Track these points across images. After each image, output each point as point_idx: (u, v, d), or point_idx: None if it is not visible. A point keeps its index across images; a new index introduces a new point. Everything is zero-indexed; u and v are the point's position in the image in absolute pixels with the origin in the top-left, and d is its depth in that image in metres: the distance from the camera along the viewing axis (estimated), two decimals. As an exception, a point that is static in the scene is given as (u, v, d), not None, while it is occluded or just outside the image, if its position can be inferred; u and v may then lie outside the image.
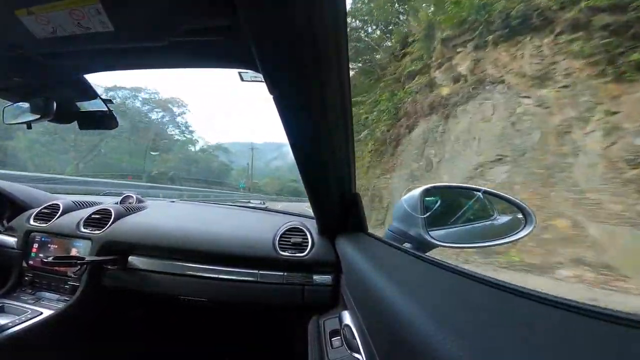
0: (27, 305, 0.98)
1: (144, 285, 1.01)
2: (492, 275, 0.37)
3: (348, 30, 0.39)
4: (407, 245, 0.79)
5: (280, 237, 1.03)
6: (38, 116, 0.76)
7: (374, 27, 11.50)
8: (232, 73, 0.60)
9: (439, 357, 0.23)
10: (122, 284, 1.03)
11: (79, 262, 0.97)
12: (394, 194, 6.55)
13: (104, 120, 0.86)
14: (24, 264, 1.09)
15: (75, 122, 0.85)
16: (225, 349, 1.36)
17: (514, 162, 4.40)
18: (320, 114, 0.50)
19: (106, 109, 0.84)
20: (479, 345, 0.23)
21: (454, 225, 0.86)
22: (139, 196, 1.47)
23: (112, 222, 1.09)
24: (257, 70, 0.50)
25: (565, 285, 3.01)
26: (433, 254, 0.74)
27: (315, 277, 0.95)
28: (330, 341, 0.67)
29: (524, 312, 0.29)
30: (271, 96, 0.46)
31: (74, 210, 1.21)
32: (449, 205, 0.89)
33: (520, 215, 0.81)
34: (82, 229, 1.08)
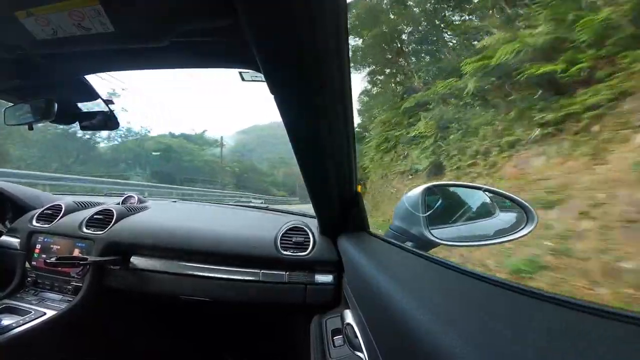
0: (31, 306, 0.98)
1: (147, 285, 1.01)
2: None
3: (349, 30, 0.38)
4: (408, 243, 0.79)
5: (282, 236, 1.02)
6: (39, 117, 0.77)
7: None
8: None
9: (441, 355, 0.23)
10: (124, 284, 1.03)
11: (81, 262, 0.97)
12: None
13: (105, 121, 0.86)
14: (27, 265, 1.09)
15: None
16: (228, 348, 1.37)
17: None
18: (321, 113, 0.50)
19: (107, 109, 0.84)
20: (481, 342, 0.23)
21: (456, 223, 0.85)
22: (140, 196, 1.48)
23: (114, 223, 1.09)
24: (257, 70, 0.50)
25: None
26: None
27: (317, 276, 0.95)
28: (333, 340, 0.67)
29: (526, 309, 0.29)
30: (272, 96, 0.46)
31: (76, 211, 1.21)
32: (450, 204, 0.89)
33: (522, 213, 0.81)
34: (85, 230, 1.08)
